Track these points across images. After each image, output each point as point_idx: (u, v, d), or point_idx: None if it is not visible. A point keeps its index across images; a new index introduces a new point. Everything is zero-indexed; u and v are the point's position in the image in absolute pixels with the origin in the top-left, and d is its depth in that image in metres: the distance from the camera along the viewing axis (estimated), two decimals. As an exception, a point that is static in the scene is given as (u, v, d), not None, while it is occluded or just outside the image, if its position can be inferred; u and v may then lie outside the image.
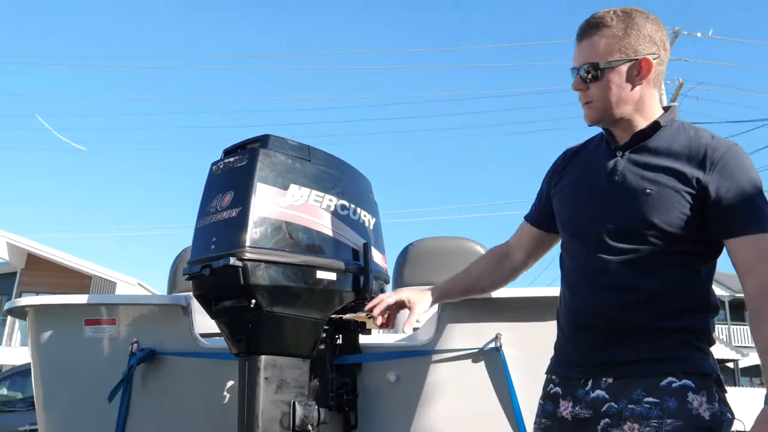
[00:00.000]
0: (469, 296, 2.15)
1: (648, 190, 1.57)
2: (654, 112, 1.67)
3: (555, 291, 1.96)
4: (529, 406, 2.26)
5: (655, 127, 1.64)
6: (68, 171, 54.31)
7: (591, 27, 1.65)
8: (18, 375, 7.64)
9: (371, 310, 2.02)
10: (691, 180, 1.55)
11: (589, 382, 1.59)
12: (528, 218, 1.98)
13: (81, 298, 2.60)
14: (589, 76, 1.64)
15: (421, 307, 2.04)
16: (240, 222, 2.00)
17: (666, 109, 1.71)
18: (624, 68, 1.62)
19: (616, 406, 1.53)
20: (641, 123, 1.66)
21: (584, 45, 1.66)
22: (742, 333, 28.87)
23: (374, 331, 2.71)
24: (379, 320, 2.03)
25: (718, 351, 26.66)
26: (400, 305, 2.05)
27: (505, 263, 2.04)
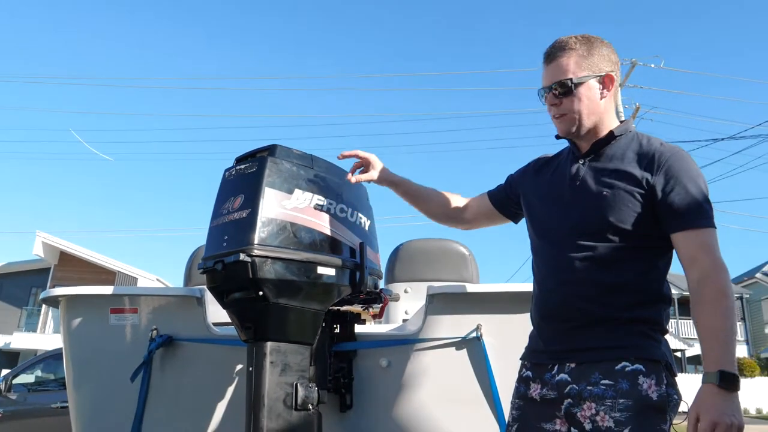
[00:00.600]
0: (411, 203, 2.13)
1: (604, 193, 1.59)
2: (612, 123, 1.69)
3: (529, 287, 1.94)
4: (505, 389, 2.24)
5: (610, 136, 1.66)
6: (96, 178, 54.18)
7: (558, 50, 1.67)
8: (51, 358, 7.56)
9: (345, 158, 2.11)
10: (641, 181, 1.56)
11: (555, 367, 1.59)
12: (489, 194, 2.02)
13: (107, 289, 2.56)
14: (563, 91, 1.65)
15: (376, 175, 2.08)
16: (249, 222, 1.97)
17: (622, 122, 1.72)
18: (592, 83, 1.65)
19: (576, 387, 1.52)
20: (602, 133, 1.68)
21: (553, 66, 1.67)
22: (688, 326, 29.02)
23: (368, 322, 2.69)
24: (340, 156, 2.09)
25: (668, 342, 26.77)
26: (366, 162, 2.09)
27: (455, 211, 2.08)
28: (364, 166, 2.10)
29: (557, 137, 1.78)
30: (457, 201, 2.09)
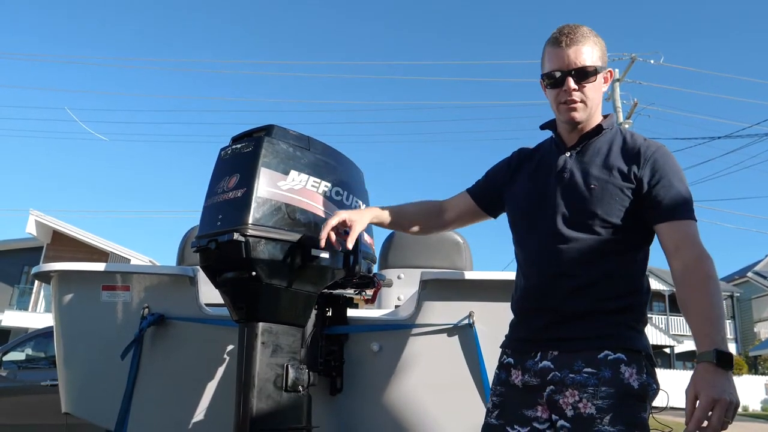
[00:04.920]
0: (397, 230, 2.10)
1: (593, 186, 1.59)
2: (600, 118, 1.71)
3: (522, 275, 1.93)
4: (496, 376, 2.25)
5: (598, 129, 1.68)
6: (91, 158, 54.03)
7: (577, 35, 1.64)
8: (41, 336, 7.50)
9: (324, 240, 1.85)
10: (628, 175, 1.58)
11: (538, 354, 1.60)
12: (470, 191, 1.94)
13: (99, 266, 2.55)
14: (586, 78, 1.63)
15: (360, 225, 1.87)
16: (244, 202, 1.96)
17: (605, 116, 1.73)
18: (601, 75, 1.67)
19: (559, 374, 1.53)
20: (590, 126, 1.68)
21: (572, 50, 1.62)
22: (679, 323, 29.19)
23: (360, 307, 2.69)
24: (323, 243, 1.83)
25: (658, 338, 27.05)
26: (342, 225, 1.86)
27: (434, 218, 1.98)
28: (347, 226, 1.88)
29: (542, 127, 1.78)
30: (434, 207, 1.99)
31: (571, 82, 1.62)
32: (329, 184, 2.18)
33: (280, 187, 2.04)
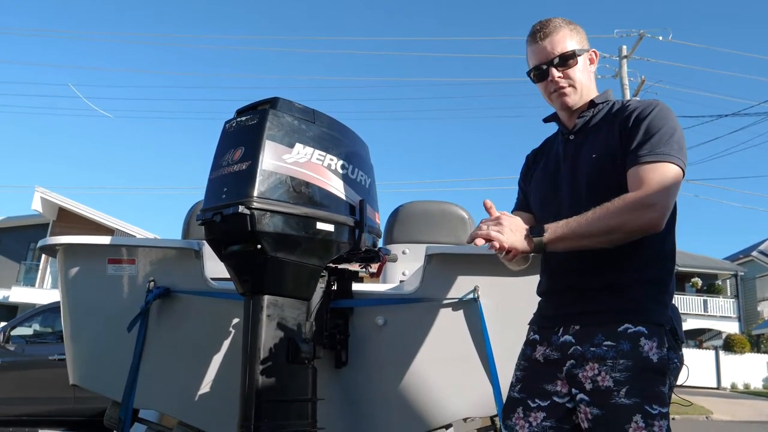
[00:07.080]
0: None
1: (593, 156, 1.63)
2: (594, 95, 1.75)
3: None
4: (500, 350, 2.26)
5: (591, 104, 1.72)
6: (96, 135, 53.99)
7: (549, 28, 1.70)
8: (49, 312, 7.59)
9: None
10: (617, 135, 1.60)
11: (561, 329, 1.62)
12: (520, 210, 1.89)
13: (105, 239, 2.56)
14: (568, 62, 1.68)
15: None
16: (249, 174, 1.96)
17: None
18: (584, 57, 1.72)
19: (580, 349, 1.55)
20: (585, 106, 1.73)
21: (548, 42, 1.69)
22: (681, 302, 29.21)
23: (366, 281, 2.69)
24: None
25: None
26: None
27: None
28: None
29: (546, 120, 1.82)
30: None
31: (555, 71, 1.69)
32: (334, 158, 2.17)
33: (285, 160, 2.03)
